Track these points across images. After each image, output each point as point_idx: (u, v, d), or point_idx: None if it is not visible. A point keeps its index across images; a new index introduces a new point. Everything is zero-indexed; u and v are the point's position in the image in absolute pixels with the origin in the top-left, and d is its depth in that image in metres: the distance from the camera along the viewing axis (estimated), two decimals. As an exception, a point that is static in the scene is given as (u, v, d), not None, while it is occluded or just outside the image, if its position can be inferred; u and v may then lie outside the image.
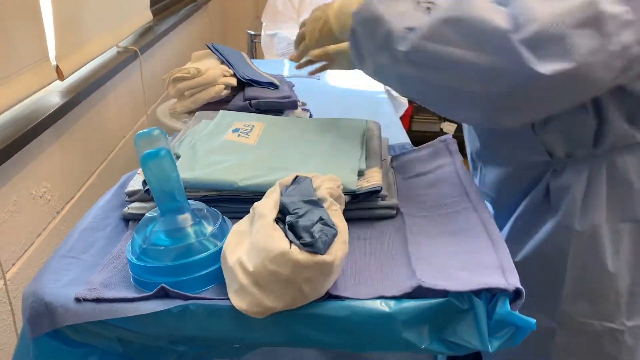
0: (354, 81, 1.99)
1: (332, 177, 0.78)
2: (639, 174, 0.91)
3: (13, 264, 1.12)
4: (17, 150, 1.09)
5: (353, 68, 1.00)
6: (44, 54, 1.28)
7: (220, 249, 0.71)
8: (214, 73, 1.33)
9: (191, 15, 2.67)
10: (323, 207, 0.69)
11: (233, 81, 1.37)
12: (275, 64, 2.51)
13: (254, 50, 3.03)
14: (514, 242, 1.02)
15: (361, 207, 0.86)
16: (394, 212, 0.86)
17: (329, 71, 1.28)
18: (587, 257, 0.95)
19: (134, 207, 0.88)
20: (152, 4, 2.20)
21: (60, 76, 1.36)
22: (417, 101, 0.90)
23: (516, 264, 0.91)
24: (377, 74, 0.90)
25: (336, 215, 0.69)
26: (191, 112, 1.38)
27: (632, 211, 0.92)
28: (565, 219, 0.94)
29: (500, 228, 1.02)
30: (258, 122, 1.05)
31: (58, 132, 1.31)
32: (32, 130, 1.14)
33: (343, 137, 1.00)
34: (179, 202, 0.73)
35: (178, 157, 0.95)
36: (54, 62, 1.35)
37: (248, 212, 0.77)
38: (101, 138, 1.58)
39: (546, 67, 0.69)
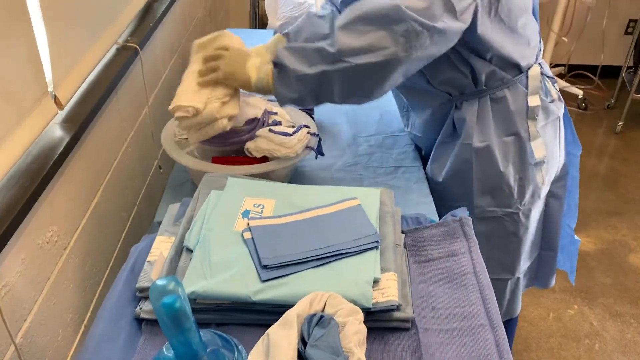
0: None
1: (355, 310, 0.78)
2: (513, 103, 1.32)
3: (25, 320, 1.12)
4: (27, 211, 1.05)
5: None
6: (44, 90, 1.21)
7: (237, 393, 0.71)
8: (212, 109, 1.27)
9: (191, -23, 2.52)
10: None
11: (234, 110, 1.32)
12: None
13: (257, 9, 2.90)
14: (437, 165, 1.44)
15: (375, 318, 0.86)
16: (409, 325, 0.86)
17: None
18: (485, 164, 1.35)
19: (147, 311, 0.88)
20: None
21: (59, 105, 1.29)
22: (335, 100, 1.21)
23: (442, 180, 1.42)
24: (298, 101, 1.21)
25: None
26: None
27: (512, 128, 1.34)
28: (466, 139, 1.34)
29: (428, 159, 1.50)
30: (268, 200, 1.02)
31: (62, 169, 1.26)
32: (40, 184, 1.09)
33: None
34: (195, 350, 0.72)
35: (190, 250, 0.93)
36: (49, 88, 1.27)
37: (261, 323, 0.78)
38: (104, 153, 1.53)
39: (440, 24, 1.10)
